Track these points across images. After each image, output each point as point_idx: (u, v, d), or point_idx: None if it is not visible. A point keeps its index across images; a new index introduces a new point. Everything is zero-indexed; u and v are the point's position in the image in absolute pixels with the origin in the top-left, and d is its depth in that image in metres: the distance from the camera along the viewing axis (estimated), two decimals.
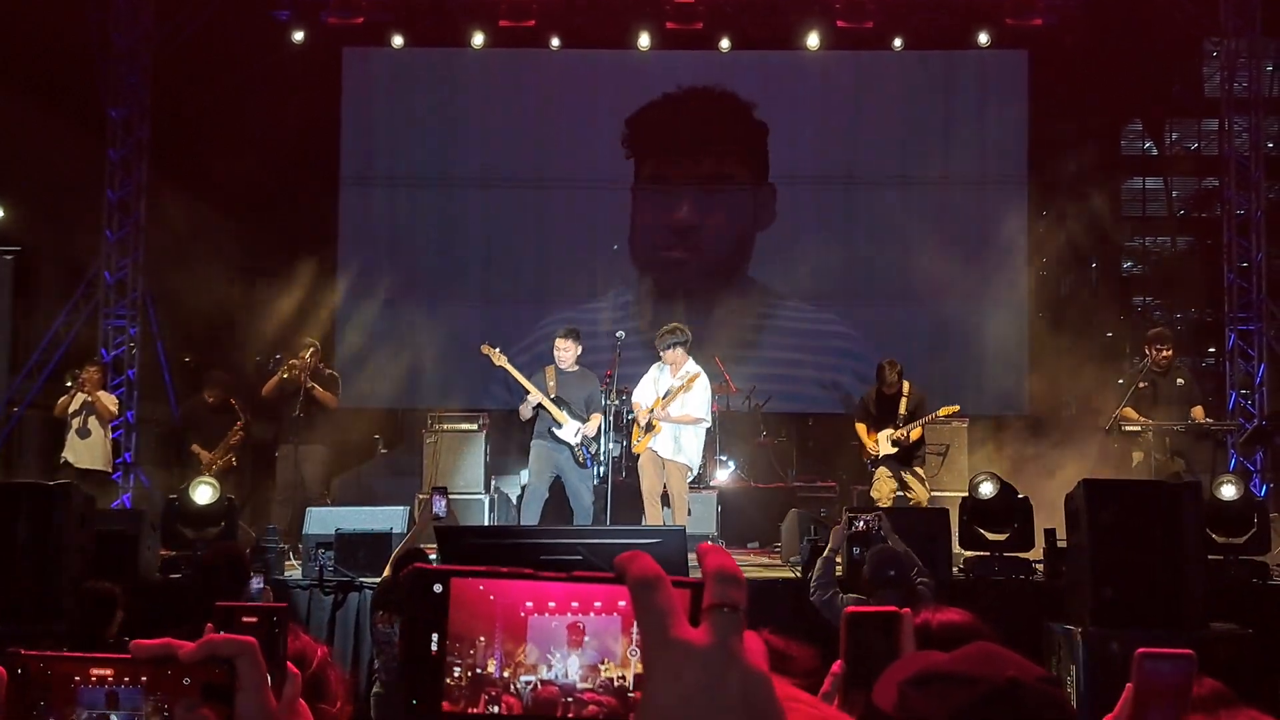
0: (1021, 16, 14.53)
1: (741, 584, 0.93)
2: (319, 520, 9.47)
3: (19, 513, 7.32)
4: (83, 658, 1.04)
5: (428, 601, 0.98)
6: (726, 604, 0.92)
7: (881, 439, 11.11)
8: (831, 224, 15.66)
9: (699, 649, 0.90)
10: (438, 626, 0.98)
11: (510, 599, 0.99)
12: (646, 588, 0.92)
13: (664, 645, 0.90)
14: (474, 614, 0.98)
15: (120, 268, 14.15)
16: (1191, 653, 1.94)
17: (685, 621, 0.91)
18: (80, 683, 1.03)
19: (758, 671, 0.91)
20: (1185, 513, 7.38)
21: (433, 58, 15.76)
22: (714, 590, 0.92)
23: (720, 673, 0.89)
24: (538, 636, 0.98)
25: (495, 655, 0.98)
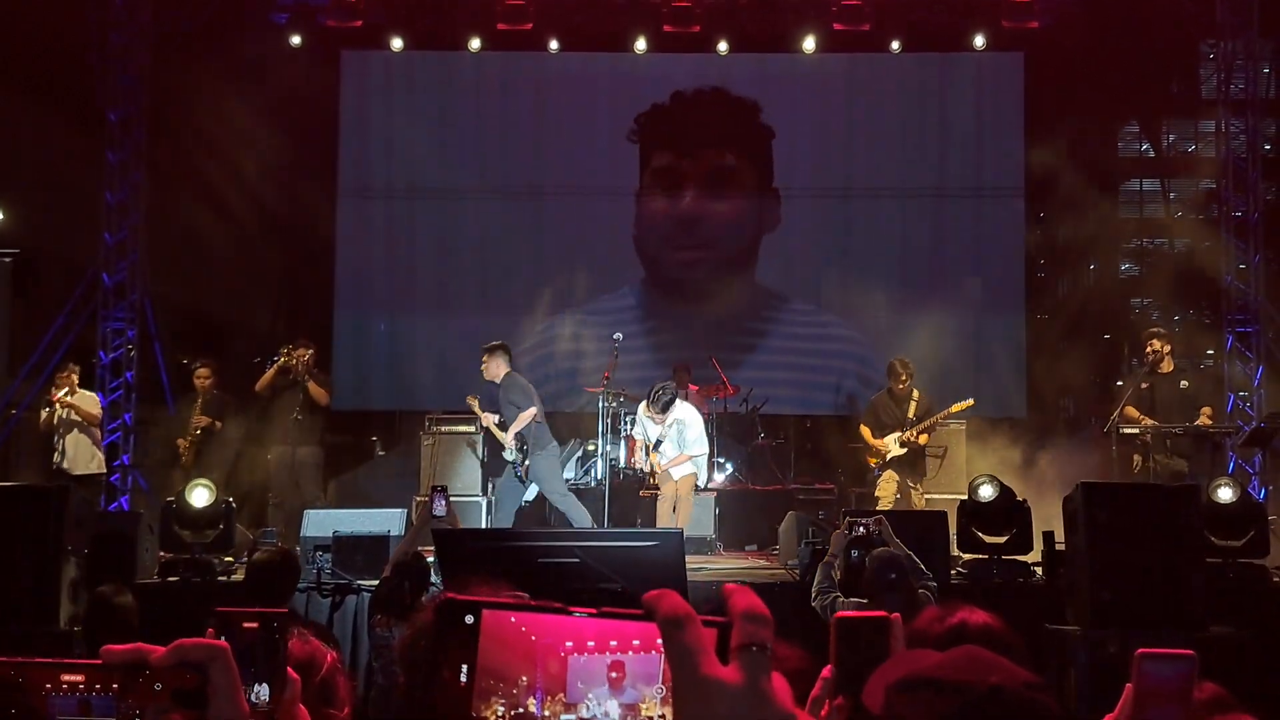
0: (1018, 18, 14.52)
1: (770, 623, 0.95)
2: (317, 523, 9.46)
3: (17, 516, 7.33)
4: (54, 664, 1.03)
5: (459, 633, 0.98)
6: (755, 643, 0.93)
7: (889, 441, 11.08)
8: (830, 227, 15.66)
9: (731, 688, 0.91)
10: (468, 658, 0.98)
11: (551, 638, 0.99)
12: (676, 626, 0.93)
13: (696, 684, 0.91)
14: (514, 652, 0.98)
15: (118, 270, 14.14)
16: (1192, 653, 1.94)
17: (715, 660, 0.92)
18: (51, 689, 1.03)
19: (785, 710, 0.92)
20: (1184, 515, 7.39)
21: (431, 61, 15.76)
22: (743, 629, 0.93)
23: (751, 710, 0.90)
24: (578, 676, 0.98)
25: (536, 695, 0.98)
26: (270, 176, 14.36)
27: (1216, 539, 8.62)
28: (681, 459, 10.77)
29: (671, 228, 15.63)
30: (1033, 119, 15.50)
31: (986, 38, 14.87)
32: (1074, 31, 14.76)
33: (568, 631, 0.99)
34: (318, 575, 8.73)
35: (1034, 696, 1.70)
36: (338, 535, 9.01)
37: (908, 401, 11.22)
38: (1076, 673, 7.10)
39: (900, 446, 11.07)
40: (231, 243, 14.39)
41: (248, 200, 14.44)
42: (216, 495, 9.04)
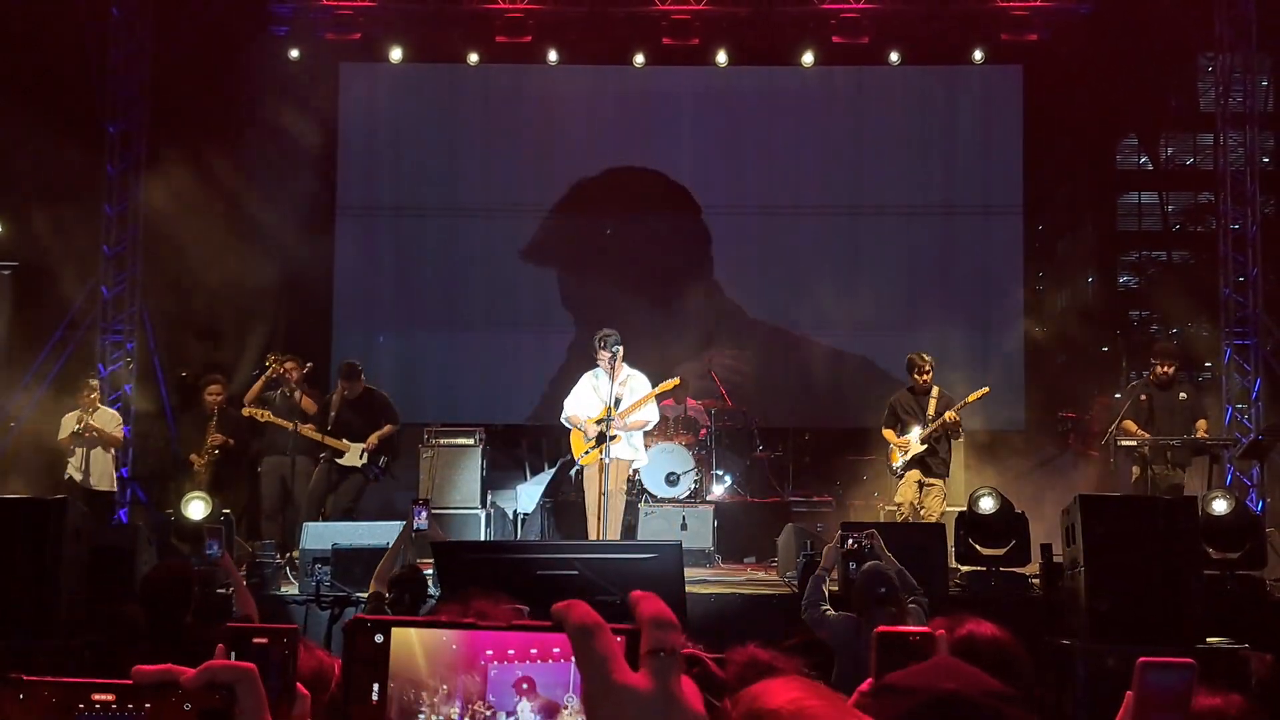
0: (1017, 31, 14.56)
1: (677, 628, 0.96)
2: (316, 535, 9.47)
3: (16, 528, 7.33)
4: (85, 683, 1.05)
5: (369, 651, 0.99)
6: (663, 648, 0.94)
7: (911, 439, 10.93)
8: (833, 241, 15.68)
9: (641, 693, 0.92)
10: (379, 677, 0.99)
11: (471, 648, 1.00)
12: (586, 635, 0.95)
13: (606, 691, 0.93)
14: (435, 662, 1.00)
15: (118, 283, 14.16)
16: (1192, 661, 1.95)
17: (626, 666, 0.94)
18: (84, 710, 1.04)
19: (696, 713, 0.94)
20: (1181, 528, 7.40)
21: (430, 73, 15.79)
22: (651, 636, 0.95)
23: (661, 715, 0.92)
24: (498, 685, 1.00)
25: (457, 703, 0.99)
26: (270, 189, 14.37)
27: (1214, 551, 8.63)
28: (637, 423, 10.27)
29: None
30: (1031, 132, 15.53)
31: (985, 51, 14.91)
32: (1073, 44, 14.79)
33: (489, 641, 1.00)
34: (317, 588, 8.75)
35: (992, 705, 1.72)
36: (336, 548, 9.02)
37: (927, 397, 11.08)
38: (1075, 685, 7.10)
39: (921, 444, 10.89)
40: (231, 256, 14.40)
41: (247, 213, 14.45)
42: (214, 508, 9.05)
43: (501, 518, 12.40)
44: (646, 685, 0.93)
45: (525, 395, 15.16)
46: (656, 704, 0.92)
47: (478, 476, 12.13)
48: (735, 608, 8.94)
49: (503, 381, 15.26)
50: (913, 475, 10.91)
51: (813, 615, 6.51)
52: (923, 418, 10.96)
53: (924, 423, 10.93)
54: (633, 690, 0.93)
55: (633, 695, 0.92)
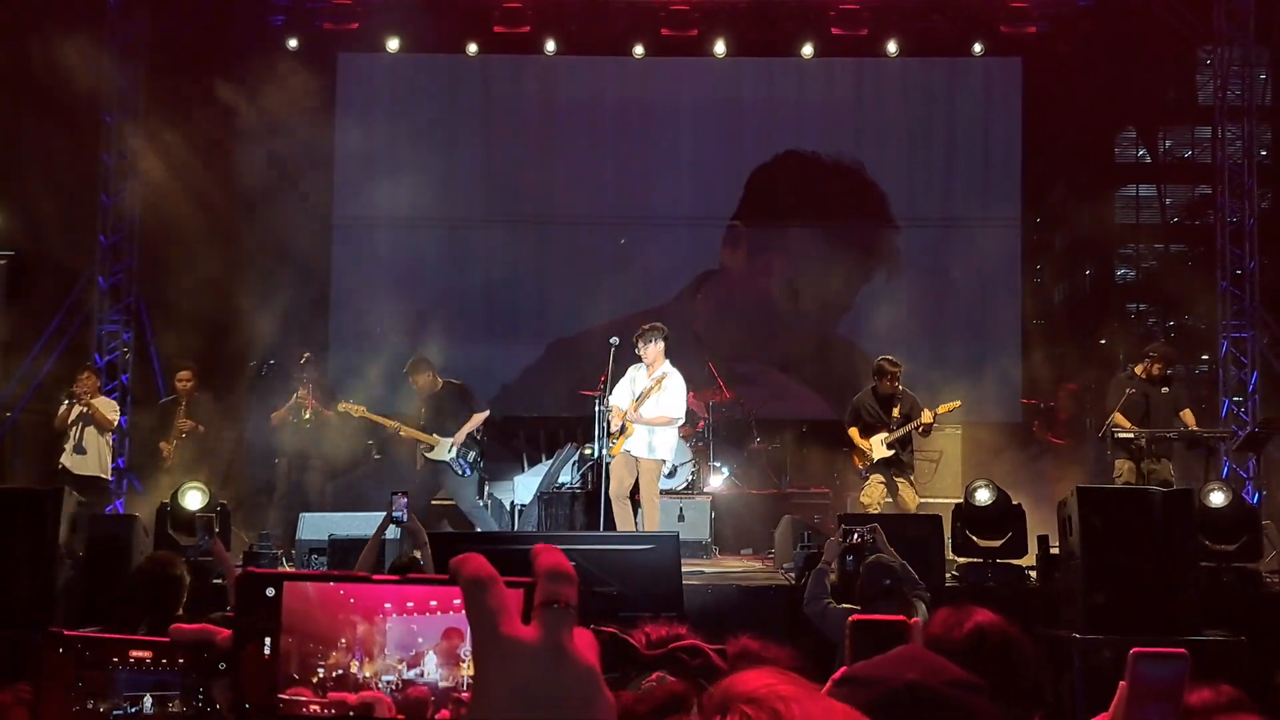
0: (1016, 24, 14.55)
1: (573, 581, 0.97)
2: (312, 526, 9.48)
3: (12, 518, 7.33)
4: (123, 639, 1.07)
5: (261, 607, 0.99)
6: (557, 601, 0.95)
7: (875, 443, 10.96)
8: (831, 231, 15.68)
9: (529, 645, 0.93)
10: (270, 631, 0.99)
11: (370, 602, 1.01)
12: (478, 587, 0.95)
13: (494, 642, 0.93)
14: (332, 616, 1.00)
15: (114, 273, 14.14)
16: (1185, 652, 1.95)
17: (517, 619, 0.95)
18: (119, 664, 1.06)
19: (586, 665, 0.94)
20: (1178, 520, 7.40)
21: (427, 64, 15.77)
22: (545, 588, 0.96)
23: (549, 667, 0.92)
24: (397, 637, 1.00)
25: (356, 656, 1.00)
26: (267, 179, 14.34)
27: (1210, 543, 8.64)
28: (661, 420, 10.29)
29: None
30: (1030, 124, 15.52)
31: (984, 43, 14.90)
32: (1072, 37, 14.79)
33: (387, 594, 1.01)
34: None
35: (952, 694, 1.72)
36: (333, 538, 9.02)
37: (893, 401, 11.07)
38: (1071, 676, 7.11)
39: (887, 449, 10.91)
40: (228, 245, 14.38)
41: (244, 203, 14.43)
42: (211, 498, 9.03)
43: (499, 509, 12.40)
44: (534, 637, 0.93)
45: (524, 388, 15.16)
46: (544, 656, 0.93)
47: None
48: (732, 599, 8.94)
49: (502, 375, 15.25)
50: (877, 477, 10.95)
51: (814, 609, 6.52)
52: (887, 420, 10.95)
53: (889, 425, 10.91)
54: (519, 642, 0.93)
55: (519, 647, 0.93)
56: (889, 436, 10.87)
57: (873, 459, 10.92)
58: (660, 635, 2.66)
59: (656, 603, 7.34)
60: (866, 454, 10.99)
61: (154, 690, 1.07)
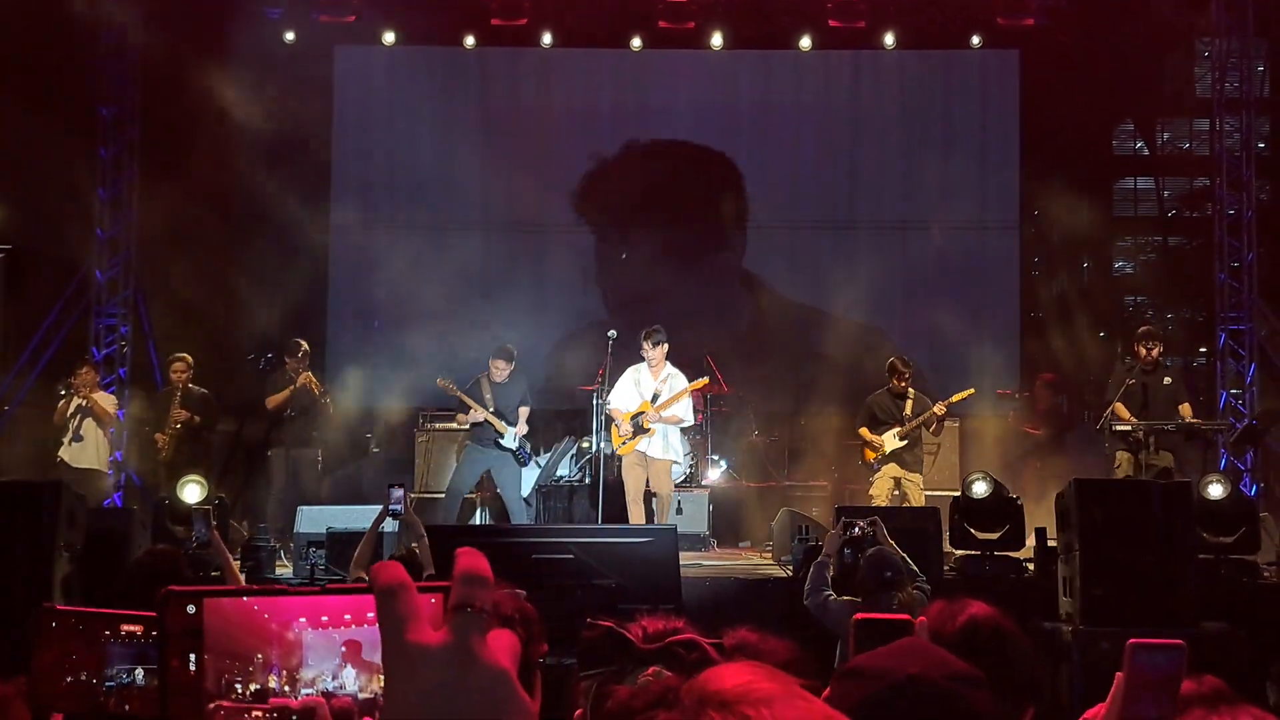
0: (1013, 16, 14.52)
1: (487, 584, 0.96)
2: (310, 519, 9.48)
3: (9, 512, 7.32)
4: (114, 614, 1.08)
5: (183, 622, 0.99)
6: (470, 604, 0.95)
7: (888, 437, 11.02)
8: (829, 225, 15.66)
9: (434, 650, 0.93)
10: (194, 647, 0.99)
11: (284, 616, 1.01)
12: (388, 596, 0.95)
13: (400, 650, 0.93)
14: (249, 633, 1.00)
15: (111, 266, 14.13)
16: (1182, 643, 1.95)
17: (425, 626, 0.95)
18: (110, 637, 1.07)
19: (497, 668, 0.94)
20: (1176, 512, 7.40)
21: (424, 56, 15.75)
22: (458, 592, 0.96)
23: (458, 672, 0.92)
24: (313, 651, 1.01)
25: (274, 671, 1.00)
26: (264, 172, 14.32)
27: (1208, 536, 8.65)
28: (674, 420, 10.66)
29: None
30: (1028, 116, 15.51)
31: (982, 35, 14.88)
32: (1069, 29, 14.78)
33: (302, 609, 1.01)
34: (311, 571, 8.77)
35: (952, 688, 1.72)
36: (331, 531, 9.03)
37: (904, 400, 11.17)
38: (1069, 669, 7.11)
39: (900, 440, 11.00)
40: (225, 238, 14.37)
41: (242, 195, 14.41)
42: (209, 491, 9.03)
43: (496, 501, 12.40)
44: (441, 641, 0.93)
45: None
46: (452, 661, 0.93)
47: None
48: (730, 592, 8.95)
49: None
50: (888, 470, 11.02)
51: (815, 602, 6.52)
52: (900, 419, 11.05)
53: (901, 422, 11.03)
54: (424, 647, 0.93)
55: (424, 652, 0.93)
56: (902, 429, 10.94)
57: (885, 452, 10.99)
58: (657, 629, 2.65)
59: (654, 595, 7.35)
60: (878, 448, 11.04)
61: (143, 663, 1.08)
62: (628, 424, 10.56)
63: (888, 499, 10.82)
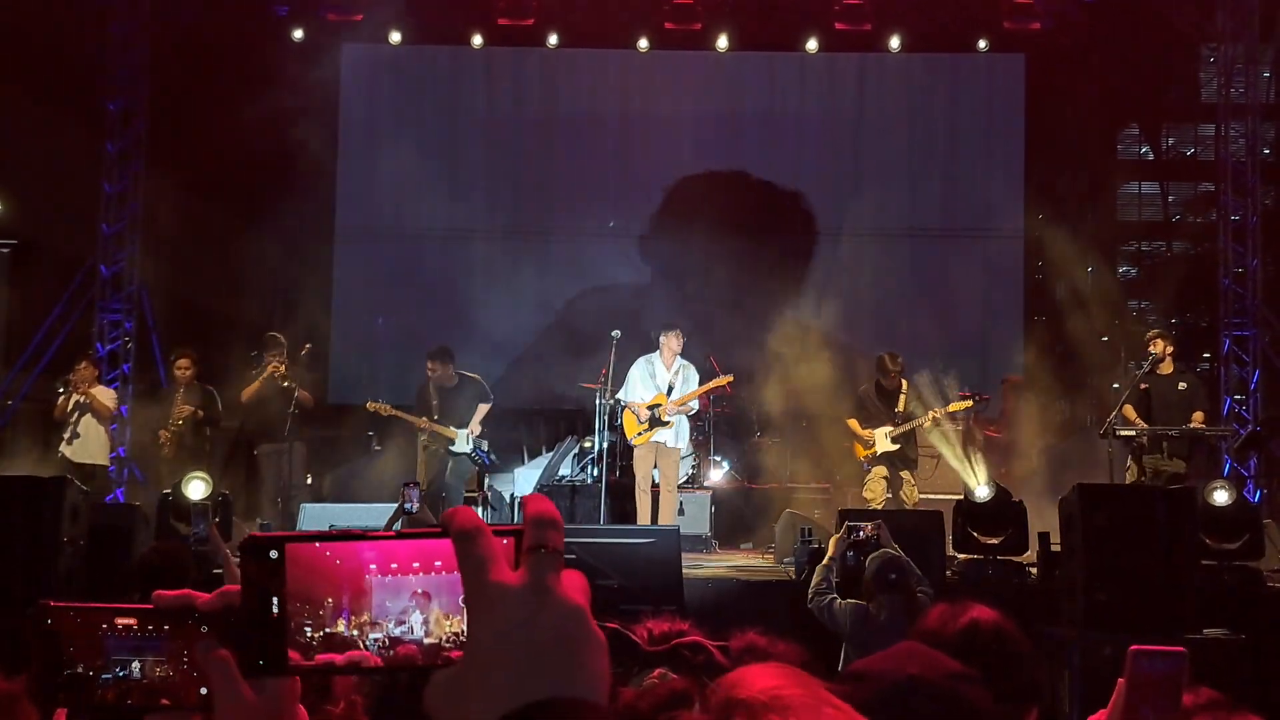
0: (1019, 20, 14.52)
1: (559, 525, 0.99)
2: (312, 517, 9.49)
3: (12, 507, 7.32)
4: (108, 608, 1.10)
5: (264, 568, 1.03)
6: (544, 545, 0.98)
7: (879, 435, 10.97)
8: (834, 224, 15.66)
9: (513, 589, 0.96)
10: (276, 591, 1.02)
11: (354, 561, 1.04)
12: (466, 539, 0.98)
13: (481, 589, 0.96)
14: (319, 577, 1.03)
15: (116, 261, 14.14)
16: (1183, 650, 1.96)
17: (505, 567, 0.98)
18: (106, 631, 1.09)
19: (572, 604, 0.97)
20: (1179, 518, 7.39)
21: (431, 55, 15.76)
22: (531, 534, 0.98)
23: (535, 609, 0.95)
24: (383, 596, 1.03)
25: (343, 615, 1.03)
26: (270, 168, 14.33)
27: (1212, 542, 8.63)
28: (690, 396, 10.97)
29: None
30: (1033, 120, 15.50)
31: (988, 39, 14.88)
32: (1075, 34, 14.77)
33: (372, 555, 1.04)
34: None
35: (952, 687, 1.73)
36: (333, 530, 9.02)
37: (897, 395, 11.10)
38: (1070, 674, 7.11)
39: (892, 442, 10.93)
40: (230, 235, 14.38)
41: (247, 191, 14.42)
42: (213, 488, 9.03)
43: (499, 501, 12.40)
44: (520, 581, 0.96)
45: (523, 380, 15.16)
46: (530, 598, 0.95)
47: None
48: (732, 593, 8.95)
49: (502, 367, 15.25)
50: (880, 470, 10.96)
51: (819, 604, 6.53)
52: (892, 414, 10.99)
53: (894, 419, 10.95)
54: (505, 586, 0.96)
55: (504, 591, 0.95)
56: (893, 431, 10.89)
57: (876, 451, 10.94)
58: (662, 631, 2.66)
59: (657, 596, 7.35)
60: (869, 444, 11.00)
61: (140, 656, 1.11)
62: (645, 413, 10.77)
63: (883, 501, 10.78)
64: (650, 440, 10.79)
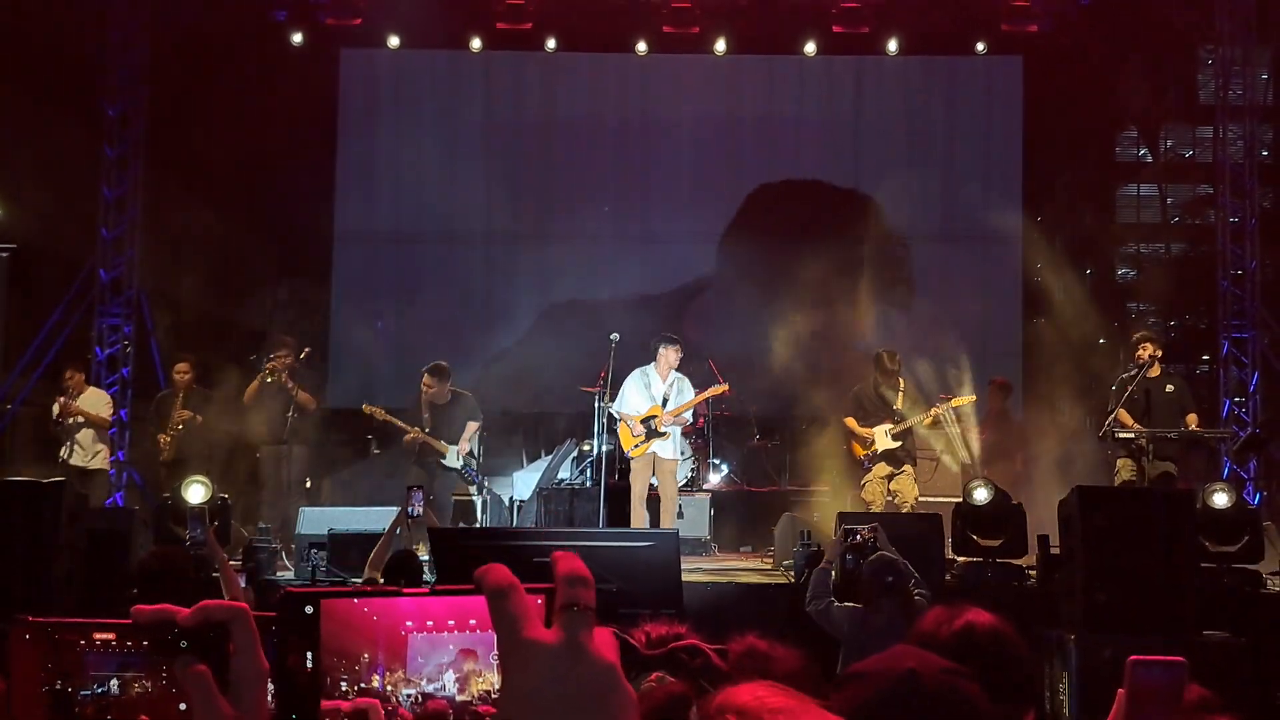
0: (1017, 22, 14.53)
1: (589, 584, 1.01)
2: (312, 520, 9.48)
3: (11, 510, 7.32)
4: (86, 623, 1.10)
5: (300, 622, 1.04)
6: (576, 604, 0.99)
7: (879, 433, 10.95)
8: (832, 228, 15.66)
9: (547, 646, 0.97)
10: (311, 645, 1.04)
11: (391, 618, 1.06)
12: (500, 596, 0.99)
13: (515, 646, 0.98)
14: (356, 632, 1.05)
15: (115, 266, 14.13)
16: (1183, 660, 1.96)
17: (538, 624, 0.99)
18: (85, 646, 1.09)
19: (605, 662, 0.98)
20: (1179, 520, 7.39)
21: (429, 60, 15.77)
22: (564, 592, 1.00)
23: (568, 666, 0.97)
24: (418, 653, 1.06)
25: (378, 671, 1.05)
26: (269, 172, 14.34)
27: (1211, 544, 8.63)
28: (685, 406, 10.95)
29: None
30: (1031, 122, 15.50)
31: (986, 41, 14.89)
32: (1073, 36, 14.77)
33: (408, 611, 1.06)
34: (313, 572, 8.76)
35: (950, 681, 1.73)
36: (333, 533, 9.03)
37: (895, 392, 11.09)
38: (1070, 677, 7.10)
39: (893, 440, 10.92)
40: (229, 239, 14.37)
41: (246, 196, 14.42)
42: (212, 492, 9.03)
43: (498, 505, 12.40)
44: (554, 639, 0.98)
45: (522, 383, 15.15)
46: (563, 656, 0.97)
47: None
48: (731, 597, 8.95)
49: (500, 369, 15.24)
50: (880, 470, 10.96)
51: (817, 608, 6.53)
52: (891, 412, 10.98)
53: (892, 416, 10.94)
54: (539, 644, 0.97)
55: (539, 649, 0.97)
56: (894, 428, 10.88)
57: (876, 449, 10.92)
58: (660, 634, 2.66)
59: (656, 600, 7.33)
60: (869, 443, 10.98)
61: (119, 671, 1.11)
62: (640, 426, 10.74)
63: (882, 504, 10.77)
64: (647, 452, 10.78)
